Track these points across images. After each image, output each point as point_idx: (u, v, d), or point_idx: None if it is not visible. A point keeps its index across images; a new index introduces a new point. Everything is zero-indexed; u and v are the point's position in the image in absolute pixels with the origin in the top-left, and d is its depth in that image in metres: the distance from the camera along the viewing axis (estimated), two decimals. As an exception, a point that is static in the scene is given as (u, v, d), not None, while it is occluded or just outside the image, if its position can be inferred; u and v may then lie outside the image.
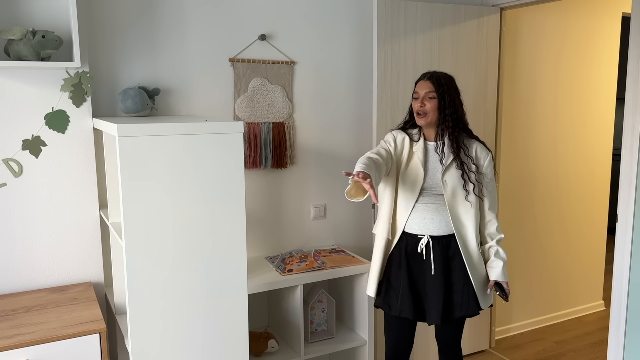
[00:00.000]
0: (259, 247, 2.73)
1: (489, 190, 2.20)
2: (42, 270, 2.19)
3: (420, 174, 2.15)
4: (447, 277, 2.15)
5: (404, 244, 2.18)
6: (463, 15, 2.93)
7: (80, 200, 2.22)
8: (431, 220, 2.14)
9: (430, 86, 2.14)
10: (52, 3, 2.09)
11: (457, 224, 2.14)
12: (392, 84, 2.79)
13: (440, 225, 2.14)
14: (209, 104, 2.51)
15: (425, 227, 2.15)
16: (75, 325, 1.84)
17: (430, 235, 2.14)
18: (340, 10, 2.75)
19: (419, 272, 2.17)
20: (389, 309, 2.22)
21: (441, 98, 2.13)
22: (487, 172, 2.19)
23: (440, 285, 2.14)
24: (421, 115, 2.15)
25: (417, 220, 2.16)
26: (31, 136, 2.12)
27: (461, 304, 2.16)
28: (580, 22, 3.59)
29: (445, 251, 2.15)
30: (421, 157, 2.17)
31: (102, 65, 2.28)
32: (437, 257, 2.14)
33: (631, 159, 2.47)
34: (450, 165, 2.15)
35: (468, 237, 2.16)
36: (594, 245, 3.92)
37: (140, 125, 1.76)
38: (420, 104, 2.14)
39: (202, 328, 1.95)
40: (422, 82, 2.17)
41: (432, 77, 2.16)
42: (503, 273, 2.17)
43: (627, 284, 2.54)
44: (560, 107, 3.61)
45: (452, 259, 2.16)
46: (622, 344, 2.59)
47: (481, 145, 2.21)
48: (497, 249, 2.20)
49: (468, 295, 2.15)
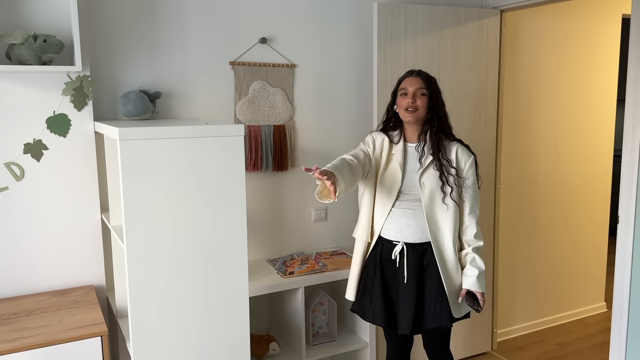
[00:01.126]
0: (260, 249, 2.73)
1: (469, 195, 2.12)
2: (43, 273, 2.20)
3: (398, 177, 2.11)
4: (420, 286, 2.09)
5: (379, 249, 2.14)
6: (463, 17, 2.93)
7: (81, 204, 2.23)
8: (407, 226, 2.09)
9: (421, 82, 2.10)
10: (53, 7, 2.10)
11: (434, 229, 2.08)
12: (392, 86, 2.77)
13: (416, 232, 2.08)
14: (209, 107, 2.52)
15: (400, 233, 2.10)
16: (77, 329, 1.84)
17: (405, 242, 2.09)
18: (341, 13, 2.76)
19: (392, 279, 2.13)
20: (364, 314, 2.18)
21: (431, 96, 2.10)
22: (468, 176, 2.12)
23: (412, 294, 2.08)
24: (411, 111, 2.08)
25: (393, 225, 2.11)
26: (33, 140, 2.12)
27: (433, 315, 2.08)
28: (580, 24, 3.60)
29: (420, 260, 2.09)
30: (400, 159, 2.13)
31: (103, 69, 2.29)
32: (410, 265, 2.08)
33: (632, 160, 2.47)
34: (429, 166, 2.09)
35: (445, 243, 2.09)
36: (595, 246, 3.91)
37: (141, 129, 1.76)
38: (411, 99, 2.08)
39: (204, 331, 1.95)
40: (411, 79, 2.12)
41: (421, 74, 2.13)
42: (477, 282, 2.06)
43: (629, 286, 2.54)
44: (561, 108, 3.61)
45: (426, 267, 2.10)
46: (624, 346, 2.59)
47: (462, 148, 2.14)
48: (473, 257, 2.10)
49: (441, 306, 2.08)
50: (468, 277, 2.08)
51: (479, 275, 2.07)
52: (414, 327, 2.09)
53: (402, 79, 2.18)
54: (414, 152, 2.15)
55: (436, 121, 2.10)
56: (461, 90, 2.98)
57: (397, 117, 2.20)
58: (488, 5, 3.11)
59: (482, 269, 2.08)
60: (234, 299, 1.99)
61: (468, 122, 3.03)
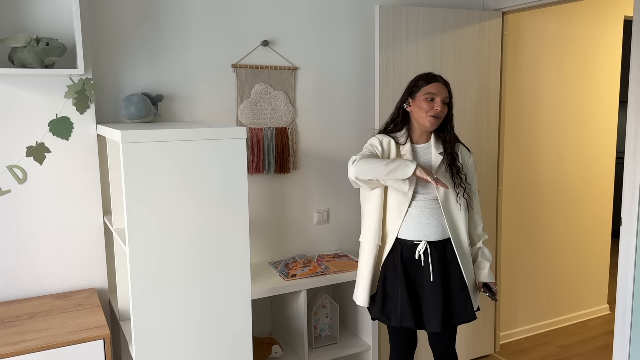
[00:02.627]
0: (263, 252, 2.73)
1: (474, 191, 2.23)
2: (46, 276, 2.20)
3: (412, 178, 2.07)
4: (445, 282, 2.12)
5: (399, 251, 2.12)
6: (465, 19, 2.93)
7: (84, 207, 2.23)
8: (427, 225, 2.11)
9: (447, 92, 2.11)
10: (55, 11, 2.10)
11: (453, 227, 2.14)
12: (395, 89, 2.79)
13: (436, 229, 2.11)
14: (212, 109, 2.52)
15: (421, 233, 2.11)
16: (80, 332, 1.84)
17: (427, 240, 2.11)
18: (343, 16, 2.76)
19: (418, 279, 2.13)
20: (389, 320, 2.15)
21: (450, 106, 2.15)
22: (472, 173, 2.23)
23: (439, 291, 2.10)
24: (436, 118, 2.09)
25: (412, 225, 2.11)
26: (35, 143, 2.13)
27: (459, 309, 2.14)
28: (582, 26, 3.59)
29: (443, 256, 2.13)
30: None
31: (105, 72, 2.30)
32: (435, 263, 2.10)
33: (634, 162, 2.46)
34: (440, 166, 2.14)
35: (462, 240, 2.16)
36: (598, 248, 3.90)
37: (143, 132, 1.77)
38: (439, 106, 2.07)
39: (206, 333, 1.95)
40: (439, 85, 2.10)
41: (446, 82, 2.15)
42: (490, 274, 2.21)
43: (632, 288, 2.53)
44: (563, 110, 3.61)
45: (449, 263, 2.14)
46: (627, 348, 2.58)
47: (463, 148, 2.24)
48: (483, 250, 2.23)
49: (465, 300, 2.14)
50: (482, 270, 2.21)
51: (490, 266, 2.22)
52: (443, 324, 2.11)
53: (426, 82, 2.11)
54: (423, 152, 2.17)
55: (452, 128, 2.18)
56: (463, 93, 2.98)
57: (404, 117, 2.18)
58: (489, 7, 3.11)
59: (491, 260, 2.23)
60: (236, 302, 1.98)
61: (470, 124, 3.03)
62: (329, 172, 2.84)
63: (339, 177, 2.87)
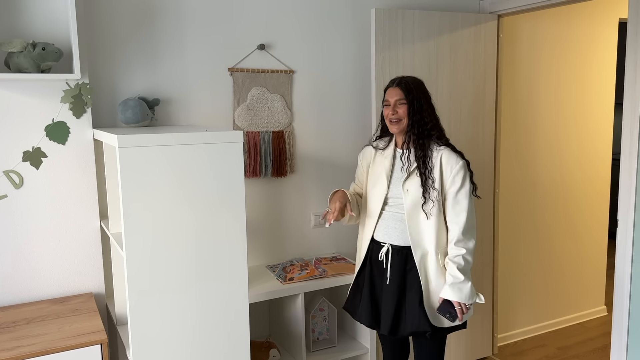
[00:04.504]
0: (260, 255, 2.73)
1: (456, 200, 2.05)
2: (43, 281, 2.19)
3: (385, 184, 2.14)
4: (402, 289, 2.11)
5: (371, 252, 2.20)
6: (460, 22, 2.94)
7: (80, 211, 2.22)
8: (393, 229, 2.13)
9: (400, 93, 2.09)
10: (52, 15, 2.10)
11: (415, 235, 2.08)
12: (391, 92, 2.79)
13: (401, 235, 2.11)
14: (208, 113, 2.52)
15: (387, 235, 2.14)
16: (77, 337, 1.84)
17: (391, 244, 2.13)
18: (339, 19, 2.77)
19: (379, 280, 2.17)
20: (354, 313, 2.23)
21: (410, 104, 2.08)
22: (456, 181, 2.05)
23: (393, 296, 2.10)
24: (394, 123, 2.10)
25: (382, 228, 2.16)
26: (32, 148, 2.12)
27: (410, 320, 2.07)
28: (577, 28, 3.61)
29: (404, 263, 2.11)
30: (387, 166, 2.16)
31: (102, 76, 2.30)
32: (394, 267, 2.11)
33: (630, 163, 2.47)
34: (413, 172, 2.09)
35: (428, 250, 2.08)
36: (595, 250, 3.91)
37: (140, 136, 1.77)
38: (392, 111, 2.10)
39: (203, 337, 1.94)
40: (391, 89, 2.13)
41: (400, 83, 2.11)
42: (451, 290, 2.01)
43: (629, 289, 2.53)
44: (559, 112, 3.62)
45: (409, 271, 2.10)
46: (624, 349, 2.58)
47: (449, 152, 2.07)
48: (448, 264, 2.05)
49: (419, 312, 2.06)
50: (444, 285, 2.05)
51: (453, 283, 2.01)
52: (392, 329, 2.11)
53: (385, 89, 2.17)
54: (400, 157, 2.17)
55: (417, 128, 2.08)
56: (459, 95, 2.99)
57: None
58: (485, 10, 3.12)
59: (458, 278, 2.01)
60: (234, 306, 1.98)
61: (466, 127, 3.04)
62: (326, 175, 2.84)
63: (336, 180, 2.87)
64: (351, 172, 2.90)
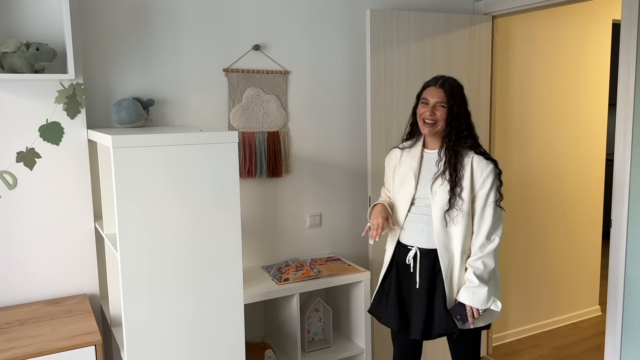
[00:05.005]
0: (255, 256, 2.72)
1: (482, 204, 2.03)
2: (37, 282, 2.18)
3: (412, 184, 2.11)
4: (431, 292, 2.09)
5: (397, 255, 2.17)
6: (455, 23, 2.95)
7: (75, 212, 2.22)
8: (420, 232, 2.09)
9: (442, 95, 2.02)
10: (46, 15, 2.09)
11: (441, 238, 2.05)
12: (386, 92, 2.80)
13: (429, 237, 2.08)
14: (203, 114, 2.52)
15: (414, 239, 2.11)
16: (71, 338, 1.83)
17: (419, 247, 2.10)
18: (334, 20, 2.77)
19: (407, 284, 2.14)
20: (380, 317, 2.19)
21: (450, 109, 2.02)
22: (485, 185, 2.02)
23: (423, 300, 2.07)
24: (429, 124, 2.04)
25: (409, 231, 2.13)
26: (25, 148, 2.12)
27: (439, 321, 2.06)
28: (571, 29, 3.63)
29: (432, 265, 2.08)
30: (415, 166, 2.12)
31: (96, 76, 2.29)
32: (423, 271, 2.08)
33: (624, 164, 2.48)
34: (442, 175, 2.05)
35: (454, 253, 2.05)
36: (589, 250, 3.93)
37: (134, 137, 1.76)
38: (430, 111, 2.03)
39: (198, 339, 1.94)
40: (433, 89, 2.05)
41: (444, 85, 2.04)
42: (465, 293, 2.01)
43: (623, 289, 2.55)
44: (553, 113, 3.63)
45: (437, 273, 2.08)
46: (618, 349, 2.60)
47: (479, 158, 2.04)
48: (468, 270, 2.04)
49: (446, 314, 2.05)
50: (461, 288, 2.06)
51: (468, 287, 2.02)
52: (424, 333, 2.07)
53: (425, 87, 2.10)
54: (432, 159, 2.11)
55: (454, 135, 2.03)
56: (454, 96, 2.99)
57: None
58: (480, 11, 3.13)
59: (473, 282, 2.01)
60: (229, 307, 1.98)
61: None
62: (321, 176, 2.84)
63: (331, 180, 2.87)
64: (346, 172, 2.90)
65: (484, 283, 2.02)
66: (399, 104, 2.84)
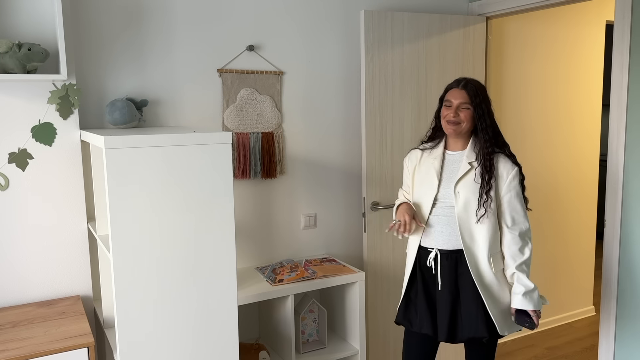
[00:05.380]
0: (250, 257, 2.72)
1: (511, 207, 2.03)
2: (29, 284, 2.17)
3: (435, 183, 2.09)
4: (455, 294, 2.06)
5: (419, 258, 2.14)
6: (449, 24, 2.96)
7: (67, 213, 2.20)
8: (440, 233, 2.07)
9: (466, 96, 2.03)
10: (38, 16, 2.08)
11: (467, 239, 2.03)
12: (381, 93, 2.80)
13: (449, 238, 2.06)
14: (197, 114, 2.51)
15: (434, 241, 2.09)
16: (63, 340, 1.82)
17: (439, 249, 2.07)
18: (328, 21, 2.77)
19: (433, 287, 2.11)
20: (410, 325, 2.15)
21: (475, 109, 2.03)
22: (512, 187, 2.03)
23: (447, 302, 2.05)
24: (452, 124, 2.04)
25: (429, 232, 2.11)
26: (18, 149, 2.10)
27: (466, 325, 2.03)
28: (565, 30, 3.64)
29: (454, 267, 2.05)
30: (437, 166, 2.10)
31: (89, 77, 2.28)
32: (444, 272, 2.06)
33: (617, 164, 2.49)
34: (466, 175, 2.04)
35: (479, 255, 2.03)
36: (583, 250, 3.94)
37: (127, 137, 1.75)
38: (453, 113, 2.03)
39: (192, 340, 1.93)
40: (456, 91, 2.06)
41: (466, 86, 2.04)
42: (525, 300, 1.99)
43: (616, 289, 2.56)
44: (547, 114, 3.65)
45: (460, 275, 2.05)
46: (612, 349, 2.60)
47: (505, 159, 2.05)
48: (518, 275, 2.02)
49: (477, 317, 2.02)
50: (515, 295, 2.02)
51: (525, 292, 2.00)
52: (449, 335, 2.06)
53: (448, 88, 2.11)
54: (454, 160, 2.11)
55: (485, 133, 2.03)
56: (448, 97, 2.99)
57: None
58: (474, 12, 3.14)
59: (528, 286, 2.00)
60: (223, 308, 1.97)
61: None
62: (316, 177, 2.84)
63: (326, 181, 2.87)
64: (341, 173, 2.90)
65: (533, 284, 2.03)
66: (393, 104, 2.84)
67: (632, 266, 2.49)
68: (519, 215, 2.05)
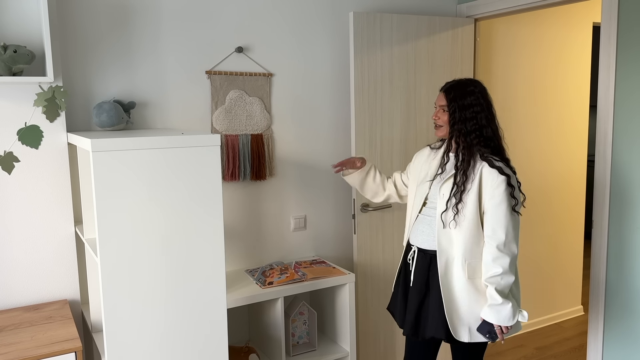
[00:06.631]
0: (239, 260, 2.71)
1: (493, 216, 1.95)
2: (15, 288, 2.14)
3: (427, 184, 2.14)
4: (424, 293, 2.11)
5: (406, 254, 2.22)
6: (437, 26, 2.97)
7: (54, 217, 2.18)
8: (421, 233, 2.13)
9: (443, 99, 2.08)
10: (24, 17, 2.06)
11: (444, 242, 2.03)
12: (370, 95, 2.81)
13: (427, 239, 2.10)
14: (186, 116, 2.50)
15: (416, 239, 2.15)
16: (50, 345, 1.80)
17: (418, 247, 2.13)
18: (317, 22, 2.77)
19: (409, 282, 2.18)
20: (394, 316, 2.28)
21: (451, 112, 2.03)
22: (494, 195, 1.95)
23: (416, 299, 2.11)
24: (436, 127, 2.14)
25: (414, 231, 2.17)
26: (3, 152, 2.08)
27: (430, 324, 2.05)
28: (552, 32, 3.67)
29: (427, 267, 2.09)
30: (434, 166, 2.16)
31: (76, 79, 2.26)
32: (417, 270, 2.12)
33: (604, 165, 2.51)
34: (450, 179, 2.04)
35: (454, 258, 2.02)
36: (572, 250, 3.97)
37: (114, 140, 1.74)
38: (435, 116, 2.12)
39: (181, 344, 1.92)
40: (439, 94, 2.12)
41: (447, 90, 2.08)
42: (490, 312, 1.94)
43: (604, 289, 2.57)
44: (535, 115, 3.67)
45: (432, 277, 2.07)
46: (600, 348, 2.62)
47: (489, 168, 1.97)
48: (487, 287, 1.97)
49: (438, 318, 2.03)
50: (484, 305, 1.99)
51: (491, 305, 1.94)
52: (414, 330, 2.12)
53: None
54: (451, 162, 2.12)
55: (459, 137, 2.02)
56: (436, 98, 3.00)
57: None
58: (462, 14, 3.15)
59: (496, 300, 1.93)
60: (212, 311, 1.96)
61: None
62: (306, 179, 2.83)
63: (316, 183, 2.86)
64: (331, 175, 2.90)
65: (507, 299, 1.94)
66: (382, 106, 2.84)
67: (620, 266, 2.51)
68: (500, 226, 1.95)
